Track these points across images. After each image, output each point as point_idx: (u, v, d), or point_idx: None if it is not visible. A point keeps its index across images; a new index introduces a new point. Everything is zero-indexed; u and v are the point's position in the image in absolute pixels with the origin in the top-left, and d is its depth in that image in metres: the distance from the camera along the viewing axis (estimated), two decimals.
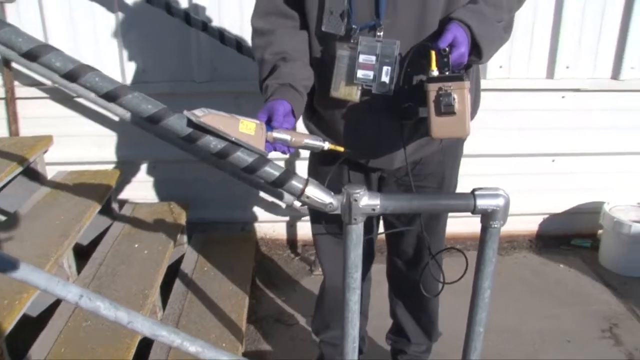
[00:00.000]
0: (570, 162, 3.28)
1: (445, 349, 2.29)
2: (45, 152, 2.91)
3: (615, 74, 3.12)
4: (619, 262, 3.12)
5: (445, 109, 1.47)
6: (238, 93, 2.95)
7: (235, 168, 2.60)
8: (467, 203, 1.40)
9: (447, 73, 1.48)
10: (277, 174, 1.34)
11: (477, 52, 1.52)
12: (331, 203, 1.37)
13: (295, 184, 1.35)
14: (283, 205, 3.17)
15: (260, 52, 1.63)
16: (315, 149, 1.48)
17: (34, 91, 2.96)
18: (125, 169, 3.04)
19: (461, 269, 1.70)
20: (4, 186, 2.49)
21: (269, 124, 1.44)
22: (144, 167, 3.13)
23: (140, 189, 3.14)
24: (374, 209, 1.35)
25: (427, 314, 2.10)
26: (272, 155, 1.43)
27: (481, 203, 1.39)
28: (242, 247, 2.90)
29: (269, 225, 3.29)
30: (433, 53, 1.47)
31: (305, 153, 2.03)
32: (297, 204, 2.99)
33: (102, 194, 2.65)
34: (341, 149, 1.50)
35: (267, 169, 1.34)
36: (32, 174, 2.78)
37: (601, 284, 3.03)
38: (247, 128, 1.33)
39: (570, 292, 2.94)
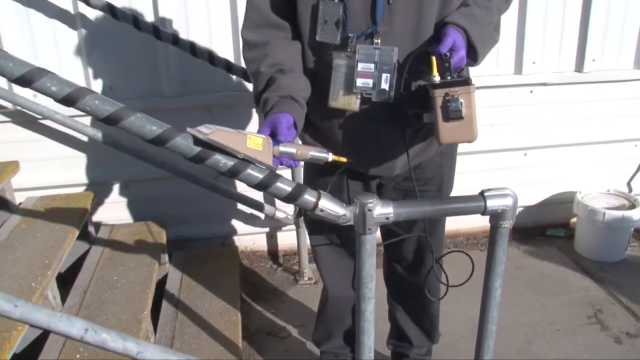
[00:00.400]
0: (542, 154, 3.35)
1: (441, 349, 2.31)
2: (12, 178, 2.79)
3: (579, 67, 3.20)
4: (595, 249, 3.20)
5: (453, 114, 1.47)
6: (210, 106, 2.90)
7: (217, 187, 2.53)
8: (478, 205, 1.40)
9: (449, 78, 1.48)
10: (289, 189, 1.31)
11: (473, 55, 1.53)
12: (344, 214, 1.35)
13: (308, 197, 1.32)
14: (262, 216, 3.13)
15: (254, 65, 1.60)
16: (320, 161, 1.47)
17: None
18: (97, 191, 2.93)
19: (462, 267, 1.71)
20: None
21: (274, 138, 1.42)
22: (116, 187, 3.04)
23: (115, 210, 3.05)
24: (387, 218, 1.34)
25: (428, 316, 2.10)
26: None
27: (491, 204, 1.40)
28: (225, 262, 2.84)
29: (249, 238, 3.24)
30: (434, 58, 1.47)
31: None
32: (280, 214, 2.96)
33: (79, 218, 2.55)
34: (344, 159, 1.49)
35: (279, 184, 1.31)
36: (1, 202, 2.65)
37: (580, 271, 3.09)
38: (254, 143, 1.30)
39: (553, 282, 3.00)
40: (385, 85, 1.56)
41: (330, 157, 1.47)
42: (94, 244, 2.70)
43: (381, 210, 1.33)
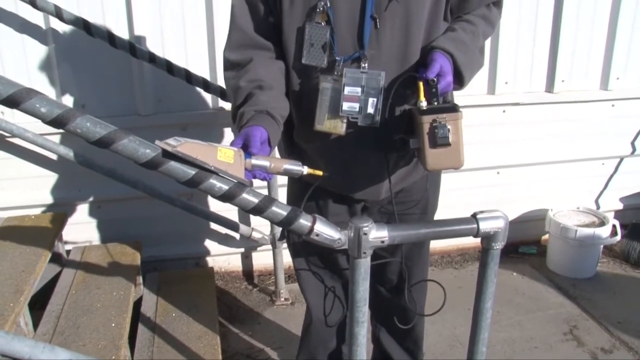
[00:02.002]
0: (514, 173, 3.40)
1: None
2: None
3: (549, 87, 3.28)
4: (567, 266, 3.25)
5: (441, 140, 1.46)
6: (185, 124, 2.85)
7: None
8: (471, 227, 1.42)
9: (435, 103, 1.47)
10: (284, 213, 1.29)
11: (459, 79, 1.54)
12: (340, 238, 1.33)
13: (304, 222, 1.30)
14: (237, 236, 3.08)
15: (234, 81, 1.57)
16: (294, 174, 1.42)
17: None
18: (68, 211, 2.85)
19: (438, 288, 1.73)
20: None
21: (246, 151, 1.36)
22: (88, 207, 2.96)
23: (86, 231, 2.97)
24: (382, 241, 1.33)
25: (413, 337, 2.09)
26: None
27: (484, 226, 1.42)
28: (201, 283, 2.78)
29: (224, 258, 3.19)
30: (421, 84, 1.47)
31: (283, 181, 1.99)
32: (256, 235, 2.92)
33: (50, 240, 2.47)
34: (320, 173, 1.44)
35: (275, 209, 1.28)
36: None
37: (554, 288, 3.14)
38: (225, 156, 1.25)
39: (528, 298, 3.03)
40: (371, 110, 1.54)
41: (305, 170, 1.41)
42: (66, 267, 2.62)
43: (376, 234, 1.32)
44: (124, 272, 2.52)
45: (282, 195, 2.26)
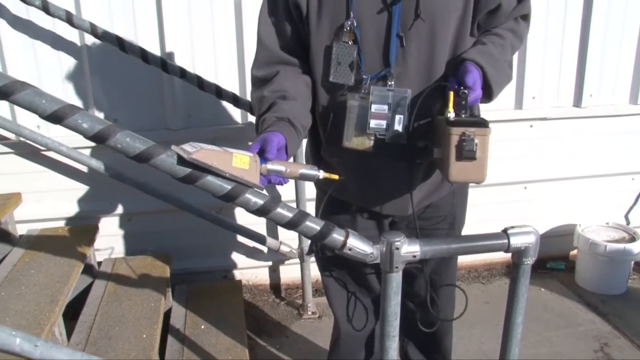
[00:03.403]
0: (541, 187, 3.38)
1: None
2: (14, 210, 2.76)
3: (577, 102, 3.26)
4: (596, 282, 3.21)
5: (467, 154, 1.45)
6: (214, 139, 2.88)
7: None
8: (502, 242, 1.42)
9: (463, 115, 1.48)
10: (318, 228, 1.31)
11: (488, 93, 1.54)
12: (372, 253, 1.34)
13: (337, 236, 1.32)
14: (265, 250, 3.11)
15: (259, 92, 1.60)
16: (310, 179, 1.43)
17: None
18: (100, 223, 2.91)
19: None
20: None
21: (262, 156, 1.38)
22: (119, 220, 3.01)
23: (117, 243, 3.02)
24: (414, 256, 1.34)
25: (440, 352, 2.09)
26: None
27: (514, 241, 1.42)
28: (229, 296, 2.80)
29: (251, 271, 3.22)
30: (451, 94, 1.48)
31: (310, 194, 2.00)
32: (284, 248, 2.94)
33: (83, 251, 2.53)
34: (336, 177, 1.45)
35: (308, 223, 1.30)
36: (2, 236, 2.62)
37: (583, 304, 3.10)
38: (240, 162, 1.26)
39: (557, 314, 3.00)
40: (398, 127, 1.56)
41: (322, 174, 1.42)
42: (97, 278, 2.67)
43: (408, 248, 1.33)
44: (154, 284, 2.56)
45: (308, 208, 2.31)
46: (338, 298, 1.97)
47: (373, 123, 1.57)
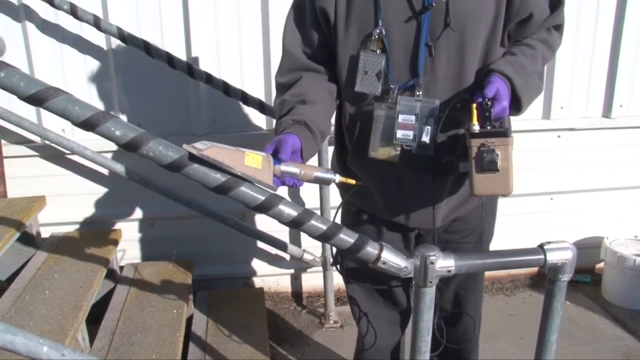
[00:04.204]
0: (568, 199, 3.32)
1: None
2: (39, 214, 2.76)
3: (606, 112, 3.20)
4: (624, 296, 3.14)
5: (488, 165, 1.43)
6: (239, 145, 2.84)
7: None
8: (538, 258, 1.38)
9: (488, 127, 1.44)
10: (352, 240, 1.28)
11: (517, 105, 1.50)
12: (406, 267, 1.31)
13: (371, 250, 1.29)
14: (287, 257, 3.09)
15: (280, 97, 1.58)
16: (325, 182, 1.39)
17: (22, 149, 2.82)
18: (122, 227, 2.90)
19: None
20: None
21: (275, 157, 1.35)
22: (141, 225, 3.00)
23: (139, 249, 3.01)
24: (449, 271, 1.31)
25: None
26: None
27: (551, 257, 1.38)
28: (251, 304, 2.78)
29: (273, 279, 3.20)
30: (474, 106, 1.44)
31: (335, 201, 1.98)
32: (308, 256, 2.92)
33: (106, 256, 2.52)
34: (353, 181, 1.41)
35: (342, 236, 1.27)
36: (27, 239, 2.62)
37: (610, 319, 3.03)
38: (253, 161, 1.24)
39: (583, 329, 2.94)
40: (425, 138, 1.52)
41: (337, 178, 1.38)
42: (119, 283, 2.66)
43: (443, 263, 1.30)
44: (176, 290, 2.55)
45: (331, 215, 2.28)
46: (362, 310, 1.93)
47: (400, 133, 1.53)
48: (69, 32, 2.68)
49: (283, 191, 2.78)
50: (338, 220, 1.74)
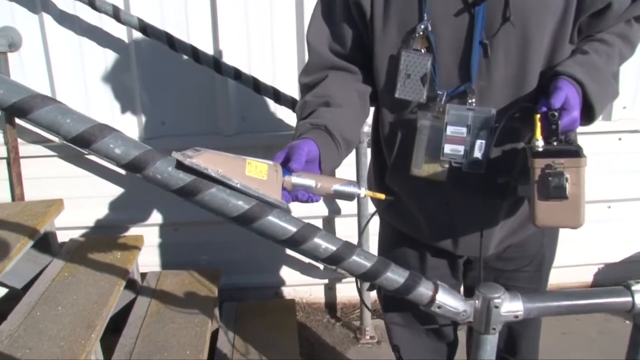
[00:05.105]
0: (627, 207, 3.04)
1: None
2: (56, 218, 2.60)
3: None
4: None
5: (555, 192, 1.16)
6: (270, 146, 2.66)
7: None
8: (624, 301, 1.16)
9: (555, 143, 1.17)
10: (401, 280, 1.05)
11: (589, 115, 1.23)
12: (465, 311, 1.08)
13: (424, 291, 1.06)
14: (321, 267, 2.88)
15: (302, 99, 1.35)
16: (348, 197, 1.13)
17: (39, 149, 2.66)
18: (144, 233, 2.72)
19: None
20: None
21: (286, 167, 1.09)
22: (164, 230, 2.82)
23: (162, 255, 2.84)
24: (516, 316, 1.08)
25: None
26: None
27: None
28: (281, 317, 2.59)
29: (306, 289, 2.99)
30: (538, 117, 1.17)
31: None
32: None
33: (125, 266, 2.34)
34: (382, 196, 1.17)
35: (390, 274, 1.04)
36: (43, 245, 2.46)
37: None
38: (256, 171, 1.00)
39: None
40: (478, 154, 1.27)
41: (363, 192, 1.13)
42: (140, 294, 2.49)
43: (509, 306, 1.07)
44: (200, 304, 2.37)
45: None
46: (402, 340, 1.70)
47: (448, 148, 1.28)
48: (87, 23, 2.50)
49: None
50: (371, 233, 1.51)
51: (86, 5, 2.34)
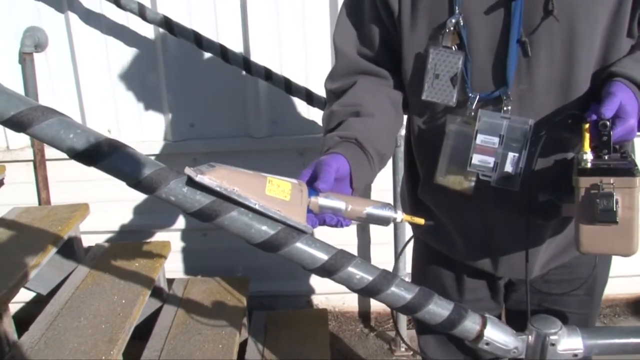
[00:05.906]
0: None
1: None
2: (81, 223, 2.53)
3: None
4: None
5: (602, 216, 0.99)
6: (302, 149, 2.56)
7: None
8: None
9: (606, 157, 1.01)
10: (446, 313, 0.92)
11: None
12: (516, 348, 0.95)
13: (471, 325, 0.93)
14: None
15: (329, 107, 1.22)
16: (382, 222, 0.99)
17: None
18: (171, 238, 2.63)
19: None
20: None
21: (310, 185, 0.97)
22: (192, 235, 2.73)
23: (189, 261, 2.76)
24: (576, 354, 0.94)
25: None
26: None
27: None
28: (313, 328, 2.48)
29: (338, 297, 2.86)
30: (586, 127, 1.02)
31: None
32: None
33: (151, 275, 2.25)
34: (421, 221, 1.03)
35: (432, 307, 0.92)
36: (67, 251, 2.38)
37: None
38: (278, 190, 0.88)
39: None
40: (510, 168, 1.12)
41: (400, 216, 0.99)
42: (166, 303, 2.40)
43: (568, 343, 0.93)
44: (228, 315, 2.26)
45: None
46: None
47: (476, 159, 1.14)
48: (114, 22, 2.43)
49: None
50: (406, 257, 1.39)
51: (112, 4, 2.26)
